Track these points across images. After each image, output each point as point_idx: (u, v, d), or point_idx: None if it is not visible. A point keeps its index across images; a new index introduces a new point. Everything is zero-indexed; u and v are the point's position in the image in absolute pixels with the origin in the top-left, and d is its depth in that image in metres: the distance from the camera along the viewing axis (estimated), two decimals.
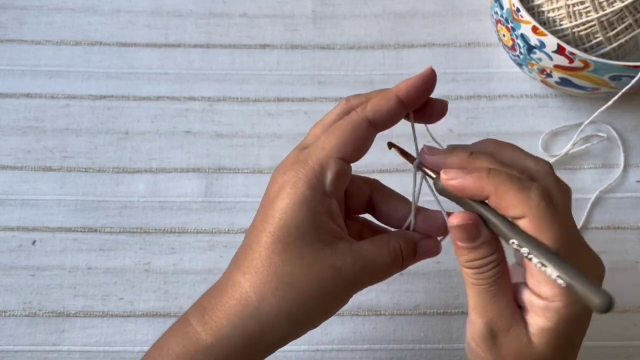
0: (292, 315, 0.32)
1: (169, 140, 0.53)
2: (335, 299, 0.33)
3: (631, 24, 0.48)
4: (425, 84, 0.33)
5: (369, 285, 0.34)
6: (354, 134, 0.32)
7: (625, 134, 0.54)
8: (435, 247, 0.35)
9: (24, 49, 0.56)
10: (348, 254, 0.32)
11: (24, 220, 0.50)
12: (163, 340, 0.33)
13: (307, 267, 0.31)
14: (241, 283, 0.32)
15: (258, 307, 0.32)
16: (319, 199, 0.32)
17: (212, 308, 0.32)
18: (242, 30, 0.57)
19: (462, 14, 0.58)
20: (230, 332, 0.32)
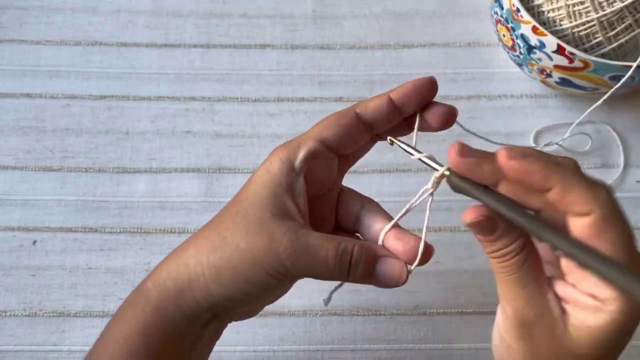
0: (217, 269, 0.31)
1: (169, 140, 0.53)
2: (263, 271, 0.31)
3: (631, 24, 0.48)
4: (418, 88, 0.33)
5: (305, 276, 0.32)
6: (338, 121, 0.33)
7: (625, 134, 0.54)
8: (398, 272, 0.32)
9: (24, 49, 0.56)
10: (291, 233, 0.31)
11: (24, 221, 0.50)
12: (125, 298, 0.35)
13: (247, 229, 0.31)
14: (192, 237, 0.33)
15: (191, 255, 0.32)
16: (284, 171, 0.32)
17: (163, 260, 0.34)
18: (242, 30, 0.57)
19: (462, 14, 0.58)
20: (165, 277, 0.32)
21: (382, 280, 0.33)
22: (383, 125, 0.34)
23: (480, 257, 0.49)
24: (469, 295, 0.48)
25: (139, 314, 0.32)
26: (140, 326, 0.32)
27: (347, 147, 0.34)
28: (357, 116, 0.33)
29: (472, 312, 0.47)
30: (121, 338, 0.32)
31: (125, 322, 0.32)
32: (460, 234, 0.50)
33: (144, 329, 0.32)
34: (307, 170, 0.33)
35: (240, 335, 0.46)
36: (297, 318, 0.47)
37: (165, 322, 0.32)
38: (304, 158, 0.32)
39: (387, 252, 0.33)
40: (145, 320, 0.32)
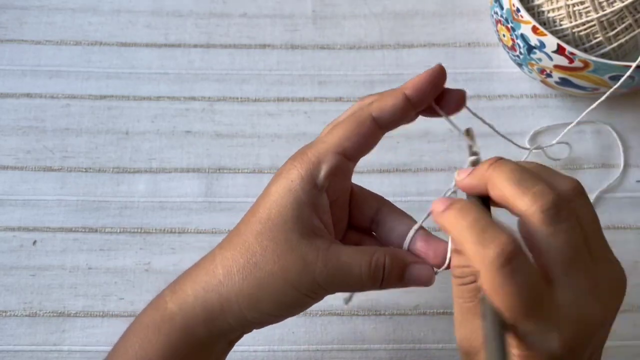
0: (252, 297, 0.31)
1: (169, 140, 0.53)
2: (299, 293, 0.31)
3: (631, 24, 0.48)
4: (432, 80, 0.32)
5: (338, 291, 0.32)
6: (357, 130, 0.32)
7: (625, 134, 0.54)
8: (427, 276, 0.33)
9: (24, 49, 0.56)
10: (323, 252, 0.31)
11: (24, 221, 0.50)
12: (138, 315, 0.34)
13: (278, 252, 0.31)
14: (215, 256, 0.33)
15: (222, 282, 0.31)
16: (307, 190, 0.32)
17: (184, 280, 0.33)
18: (242, 30, 0.57)
19: (462, 14, 0.58)
20: (193, 302, 0.32)
21: (411, 284, 0.33)
22: (398, 123, 0.33)
23: None
24: None
25: (163, 336, 0.32)
26: (165, 349, 0.32)
27: (364, 153, 0.33)
28: (374, 121, 0.33)
29: None
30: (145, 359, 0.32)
31: (148, 344, 0.32)
32: None
33: (169, 353, 0.32)
34: (329, 185, 0.32)
35: None
36: (297, 318, 0.47)
37: (193, 344, 0.32)
38: (326, 175, 0.32)
39: (415, 258, 0.33)
40: (171, 344, 0.32)
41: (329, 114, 0.54)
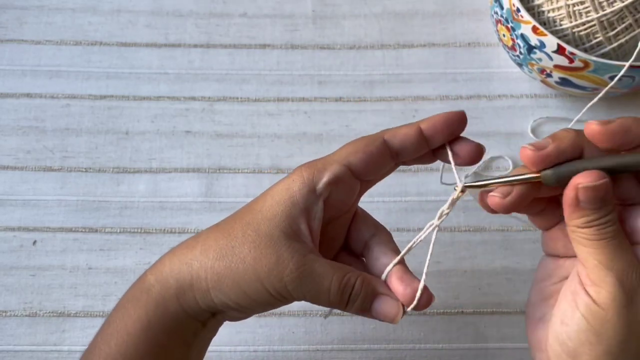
0: (219, 277, 0.31)
1: (169, 140, 0.53)
2: (263, 289, 0.31)
3: (631, 24, 0.48)
4: (450, 121, 0.33)
5: (305, 299, 0.32)
6: (365, 148, 0.33)
7: None
8: (393, 312, 0.32)
9: (24, 49, 0.56)
10: (298, 256, 0.31)
11: (24, 221, 0.50)
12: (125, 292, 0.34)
13: (256, 243, 0.31)
14: (199, 235, 0.33)
15: (196, 257, 0.32)
16: (304, 193, 0.32)
17: (166, 254, 0.34)
18: (242, 30, 0.57)
19: (462, 14, 0.58)
20: (168, 273, 0.32)
21: (377, 317, 0.33)
22: (410, 154, 0.33)
23: (481, 257, 0.49)
24: (469, 295, 0.48)
25: (141, 308, 0.32)
26: (142, 321, 0.32)
27: (371, 173, 0.33)
28: (385, 143, 0.33)
29: (472, 312, 0.47)
30: (124, 332, 0.32)
31: (128, 317, 0.32)
32: (460, 234, 0.50)
33: (146, 324, 0.32)
34: (329, 194, 0.32)
35: (241, 335, 0.46)
36: (297, 318, 0.47)
37: (167, 317, 0.32)
38: (327, 182, 0.32)
39: (387, 291, 0.33)
40: (147, 315, 0.32)
41: (329, 114, 0.54)
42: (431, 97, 0.55)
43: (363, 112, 0.54)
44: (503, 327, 0.47)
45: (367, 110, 0.54)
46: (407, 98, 0.55)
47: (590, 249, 0.29)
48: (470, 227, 0.50)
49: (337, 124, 0.54)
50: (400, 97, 0.55)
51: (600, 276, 0.29)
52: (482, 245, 0.49)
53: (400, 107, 0.54)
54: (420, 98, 0.55)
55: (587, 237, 0.29)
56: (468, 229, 0.50)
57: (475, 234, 0.50)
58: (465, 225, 0.50)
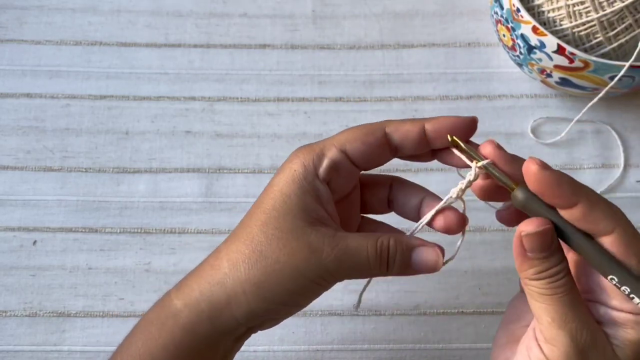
0: (258, 286, 0.31)
1: (169, 140, 0.53)
2: (306, 280, 0.31)
3: (631, 24, 0.48)
4: (456, 125, 0.32)
5: (347, 277, 0.32)
6: (364, 137, 0.33)
7: (625, 134, 0.54)
8: (433, 259, 0.33)
9: (24, 49, 0.56)
10: (329, 238, 0.31)
11: (24, 221, 0.50)
12: (147, 312, 0.34)
13: (283, 240, 0.31)
14: (220, 250, 0.32)
15: (227, 274, 0.31)
16: (309, 180, 0.32)
17: (190, 277, 0.33)
18: (242, 30, 0.57)
19: (462, 14, 0.58)
20: (197, 297, 0.31)
21: (419, 268, 0.33)
22: (409, 151, 0.33)
23: (481, 257, 0.49)
24: (469, 295, 0.48)
25: (167, 333, 0.31)
26: (168, 346, 0.31)
27: (368, 163, 0.33)
28: (385, 136, 0.33)
29: (472, 312, 0.47)
30: (148, 356, 0.31)
31: (152, 341, 0.32)
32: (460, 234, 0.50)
33: (172, 350, 0.31)
34: (330, 179, 0.33)
35: None
36: (297, 318, 0.47)
37: (197, 342, 0.32)
38: (327, 167, 0.32)
39: (422, 241, 0.33)
40: (174, 341, 0.31)
41: (329, 114, 0.54)
42: (431, 97, 0.55)
43: (363, 112, 0.54)
44: None
45: (367, 110, 0.54)
46: (407, 98, 0.55)
47: (543, 305, 0.29)
48: (470, 227, 0.49)
49: (337, 124, 0.54)
50: (400, 97, 0.55)
51: (553, 334, 0.29)
52: (482, 245, 0.49)
53: (400, 107, 0.54)
54: (420, 98, 0.55)
55: (539, 291, 0.29)
56: (468, 229, 0.50)
57: (475, 234, 0.50)
58: None
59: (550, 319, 0.29)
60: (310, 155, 0.32)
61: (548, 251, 0.29)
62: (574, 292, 0.29)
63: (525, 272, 0.30)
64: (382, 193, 0.36)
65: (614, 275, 0.28)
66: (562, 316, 0.29)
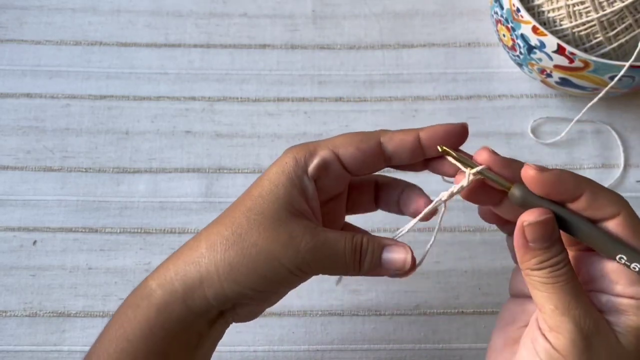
0: (232, 267, 0.31)
1: (169, 140, 0.53)
2: (282, 267, 0.31)
3: (631, 24, 0.48)
4: (452, 134, 0.33)
5: (321, 270, 0.33)
6: (358, 144, 0.33)
7: (625, 134, 0.54)
8: (401, 258, 0.33)
9: (24, 49, 0.56)
10: (310, 230, 0.32)
11: (24, 221, 0.50)
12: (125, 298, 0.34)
13: (264, 225, 0.31)
14: (200, 234, 0.33)
15: (203, 254, 0.32)
16: (299, 174, 0.32)
17: (168, 259, 0.33)
18: (242, 30, 0.57)
19: (462, 14, 0.58)
20: (172, 277, 0.32)
21: (388, 266, 0.33)
22: (403, 161, 0.34)
23: (481, 257, 0.49)
24: (469, 295, 0.48)
25: (141, 314, 0.32)
26: (143, 327, 0.32)
27: (360, 170, 0.34)
28: (380, 145, 0.33)
29: (472, 312, 0.47)
30: (123, 339, 0.32)
31: (127, 323, 0.32)
32: (460, 234, 0.50)
33: (147, 330, 0.32)
34: (318, 178, 0.33)
35: (241, 335, 0.46)
36: (297, 318, 0.47)
37: (171, 322, 0.32)
38: (316, 165, 0.33)
39: (392, 241, 0.34)
40: (148, 321, 0.32)
41: (329, 114, 0.54)
42: (431, 97, 0.55)
43: (363, 112, 0.54)
44: None
45: (367, 110, 0.54)
46: (407, 98, 0.55)
47: (546, 294, 0.29)
48: (470, 227, 0.50)
49: (337, 124, 0.54)
50: (400, 97, 0.55)
51: (558, 322, 0.29)
52: (482, 245, 0.49)
53: (400, 107, 0.54)
54: (420, 98, 0.55)
55: (541, 280, 0.30)
56: (468, 229, 0.50)
57: (475, 234, 0.50)
58: (465, 225, 0.50)
59: (553, 306, 0.29)
60: (303, 152, 0.33)
61: (550, 241, 0.29)
62: (575, 281, 0.30)
63: (527, 263, 0.30)
64: (369, 192, 0.37)
65: (623, 254, 0.29)
66: (565, 303, 0.29)
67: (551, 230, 0.29)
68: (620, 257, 0.29)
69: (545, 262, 0.29)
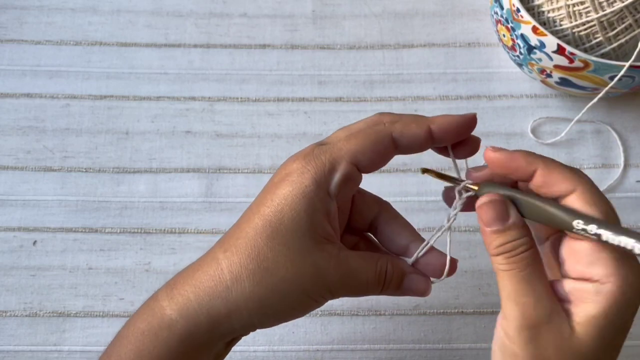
0: (262, 303, 0.31)
1: (169, 140, 0.53)
2: (309, 299, 0.32)
3: (631, 24, 0.48)
4: (462, 125, 0.33)
5: (344, 296, 0.33)
6: (374, 145, 0.32)
7: (625, 134, 0.54)
8: (424, 287, 0.34)
9: (24, 49, 0.56)
10: (334, 259, 0.32)
11: (24, 221, 0.50)
12: (132, 317, 0.33)
13: (291, 258, 0.31)
14: (219, 260, 0.31)
15: (229, 287, 0.31)
16: (320, 196, 0.31)
17: (182, 283, 0.32)
18: (242, 30, 0.57)
19: (462, 14, 0.58)
20: (196, 309, 0.31)
21: (409, 293, 0.34)
22: (412, 151, 0.34)
23: (480, 257, 0.49)
24: (469, 295, 0.48)
25: (161, 345, 0.31)
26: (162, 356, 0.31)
27: (376, 168, 0.33)
28: (393, 142, 0.33)
29: (472, 312, 0.47)
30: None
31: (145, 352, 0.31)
32: (460, 234, 0.50)
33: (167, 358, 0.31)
34: (339, 193, 0.32)
35: None
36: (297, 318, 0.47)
37: (194, 349, 0.31)
38: (339, 183, 0.32)
39: (412, 269, 0.34)
40: (170, 352, 0.31)
41: (329, 114, 0.54)
42: (431, 97, 0.55)
43: (363, 112, 0.54)
44: None
45: (367, 110, 0.54)
46: (407, 98, 0.55)
47: (502, 282, 0.30)
48: (470, 227, 0.50)
49: (337, 124, 0.54)
50: (400, 97, 0.55)
51: (508, 309, 0.30)
52: (482, 245, 0.49)
53: (400, 107, 0.54)
54: (420, 98, 0.55)
55: (499, 267, 0.30)
56: (468, 229, 0.50)
57: (475, 234, 0.50)
58: (465, 225, 0.50)
59: (506, 293, 0.30)
60: (321, 169, 0.31)
61: (501, 223, 0.30)
62: (532, 268, 0.30)
63: (488, 248, 0.31)
64: (368, 216, 0.36)
65: (580, 219, 0.29)
66: (516, 291, 0.29)
67: (500, 212, 0.30)
68: (578, 222, 0.29)
69: (500, 246, 0.30)
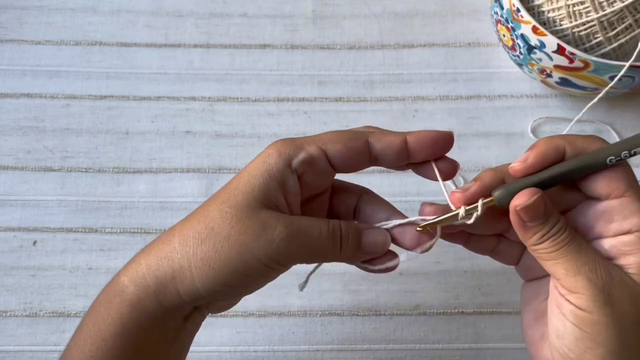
0: (205, 261, 0.30)
1: (169, 140, 0.53)
2: (256, 260, 0.31)
3: (631, 24, 0.48)
4: (436, 140, 0.33)
5: (298, 259, 0.32)
6: (347, 141, 0.33)
7: (625, 134, 0.54)
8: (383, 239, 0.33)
9: (24, 49, 0.56)
10: (283, 218, 0.31)
11: (24, 221, 0.50)
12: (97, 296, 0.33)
13: (236, 217, 0.31)
14: (174, 228, 0.32)
15: (176, 248, 0.31)
16: (280, 167, 0.32)
17: (139, 254, 0.32)
18: (242, 30, 0.57)
19: (462, 14, 0.58)
20: (144, 272, 0.31)
21: (370, 249, 0.33)
22: (388, 162, 0.34)
23: (481, 257, 0.49)
24: (469, 295, 0.48)
25: (114, 311, 0.31)
26: (116, 324, 0.31)
27: (346, 167, 0.33)
28: (367, 144, 0.33)
29: (472, 312, 0.47)
30: (98, 337, 0.31)
31: (101, 321, 0.31)
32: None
33: (121, 328, 0.31)
34: (302, 173, 0.33)
35: (241, 335, 0.46)
36: (297, 318, 0.47)
37: (145, 318, 0.31)
38: (302, 159, 0.32)
39: (367, 225, 0.34)
40: (122, 318, 0.31)
41: (329, 114, 0.54)
42: (431, 97, 0.55)
43: (363, 112, 0.54)
44: (503, 327, 0.47)
45: (367, 110, 0.54)
46: (407, 98, 0.55)
47: (553, 262, 0.30)
48: None
49: (337, 124, 0.54)
50: (400, 97, 0.55)
51: (572, 283, 0.30)
52: None
53: (400, 107, 0.54)
54: (420, 98, 0.55)
55: (546, 251, 0.31)
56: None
57: None
58: None
59: (564, 270, 0.30)
60: (289, 145, 0.32)
61: (545, 216, 0.30)
62: (577, 240, 0.30)
63: (530, 240, 0.31)
64: (351, 201, 0.36)
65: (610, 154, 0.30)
66: (573, 264, 0.30)
67: (543, 207, 0.30)
68: (611, 159, 0.30)
69: (546, 235, 0.30)
